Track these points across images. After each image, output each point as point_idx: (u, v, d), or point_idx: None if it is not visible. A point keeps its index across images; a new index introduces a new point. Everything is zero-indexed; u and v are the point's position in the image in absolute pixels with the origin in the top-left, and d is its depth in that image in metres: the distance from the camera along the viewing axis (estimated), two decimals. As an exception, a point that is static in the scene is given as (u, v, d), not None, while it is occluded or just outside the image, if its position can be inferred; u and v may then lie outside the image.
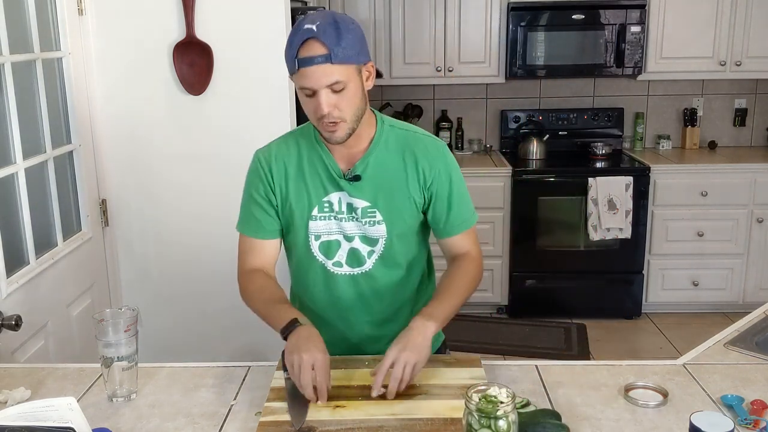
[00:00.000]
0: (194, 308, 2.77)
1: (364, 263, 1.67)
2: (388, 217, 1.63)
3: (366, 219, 1.63)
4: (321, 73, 1.46)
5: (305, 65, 1.46)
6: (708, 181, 4.14)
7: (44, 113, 2.26)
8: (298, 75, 1.48)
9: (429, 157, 1.64)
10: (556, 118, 4.63)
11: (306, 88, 1.49)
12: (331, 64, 1.46)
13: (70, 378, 1.61)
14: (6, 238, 2.01)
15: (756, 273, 4.24)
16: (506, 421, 1.16)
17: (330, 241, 1.66)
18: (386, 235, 1.64)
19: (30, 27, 2.20)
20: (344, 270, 1.67)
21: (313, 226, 1.65)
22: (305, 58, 1.46)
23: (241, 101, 2.59)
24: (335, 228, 1.65)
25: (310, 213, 1.64)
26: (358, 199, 1.63)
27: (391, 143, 1.65)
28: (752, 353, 1.68)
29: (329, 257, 1.67)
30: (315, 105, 1.50)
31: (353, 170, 1.62)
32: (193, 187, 2.66)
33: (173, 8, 2.50)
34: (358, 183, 1.62)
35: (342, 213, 1.64)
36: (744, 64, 4.26)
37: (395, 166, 1.63)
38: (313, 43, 1.45)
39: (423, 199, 1.65)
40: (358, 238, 1.65)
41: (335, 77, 1.47)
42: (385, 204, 1.63)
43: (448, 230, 1.69)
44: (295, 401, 1.41)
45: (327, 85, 1.47)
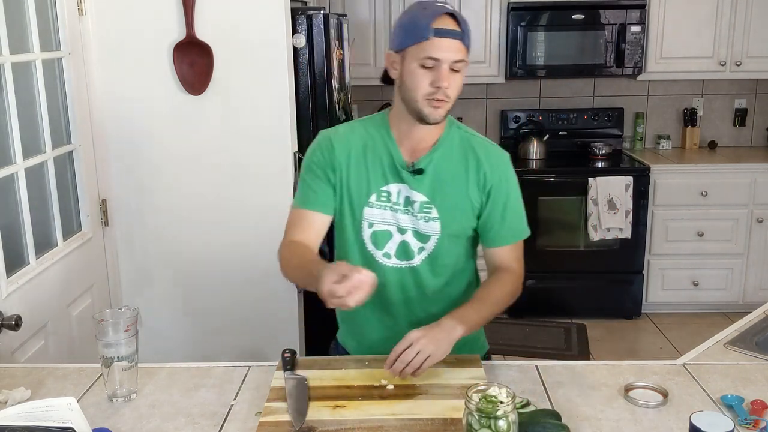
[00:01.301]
0: (194, 308, 2.77)
1: (413, 258, 1.66)
2: (443, 215, 1.63)
3: (422, 214, 1.63)
4: (453, 48, 1.50)
5: (441, 35, 1.49)
6: (708, 181, 4.14)
7: (44, 113, 2.26)
8: (428, 44, 1.49)
9: (491, 162, 1.65)
10: (556, 118, 4.63)
11: (432, 58, 1.50)
12: (462, 43, 1.51)
13: (70, 378, 1.61)
14: (6, 238, 2.01)
15: (756, 273, 4.24)
16: (506, 421, 1.16)
17: (382, 230, 1.65)
18: (439, 233, 1.64)
19: (30, 27, 2.20)
20: (392, 262, 1.67)
21: (368, 213, 1.65)
22: (443, 29, 1.49)
23: (241, 101, 2.59)
24: (389, 218, 1.65)
25: (367, 199, 1.64)
26: (418, 192, 1.63)
27: (456, 143, 1.66)
28: (752, 353, 1.68)
29: (378, 247, 1.66)
30: (434, 77, 1.51)
31: (417, 163, 1.63)
32: (193, 187, 2.66)
33: (173, 8, 2.50)
34: (420, 177, 1.62)
35: (398, 205, 1.64)
36: (744, 64, 4.26)
37: (458, 166, 1.65)
38: (451, 19, 1.51)
39: (480, 202, 1.65)
40: (410, 232, 1.65)
41: (461, 55, 1.52)
42: (443, 201, 1.63)
43: (496, 239, 1.69)
44: (295, 401, 1.41)
45: (454, 60, 1.51)
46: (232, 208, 2.68)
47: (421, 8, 1.53)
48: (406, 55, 1.54)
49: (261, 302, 2.75)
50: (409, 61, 1.53)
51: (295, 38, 2.74)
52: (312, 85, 2.84)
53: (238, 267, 2.72)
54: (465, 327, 1.53)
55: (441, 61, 1.50)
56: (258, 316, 2.76)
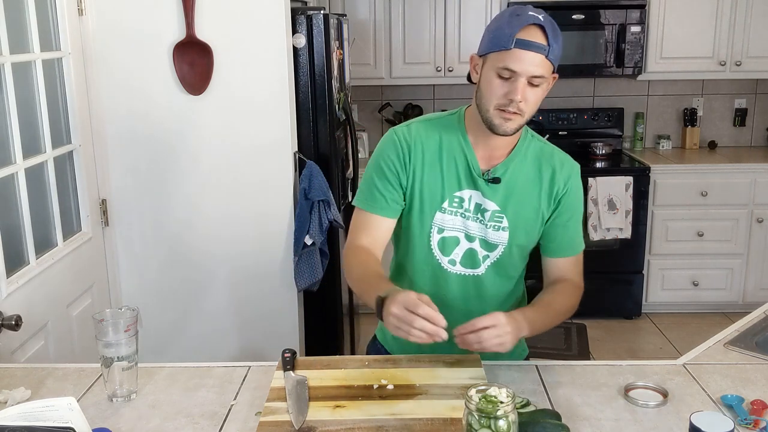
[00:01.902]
0: (194, 308, 2.77)
1: (479, 266, 1.64)
2: (513, 226, 1.61)
3: (492, 223, 1.61)
4: (534, 62, 1.45)
5: (523, 47, 1.44)
6: (708, 181, 4.14)
7: (44, 113, 2.26)
8: (509, 54, 1.45)
9: (564, 173, 1.63)
10: (556, 118, 4.63)
11: (509, 70, 1.46)
12: (545, 58, 1.46)
13: (70, 378, 1.61)
14: (6, 238, 2.01)
15: (756, 273, 4.24)
16: (506, 421, 1.16)
17: (451, 237, 1.63)
18: (506, 243, 1.62)
19: (30, 27, 2.20)
20: (457, 269, 1.65)
21: (439, 218, 1.62)
22: (526, 40, 1.44)
23: (241, 101, 2.59)
24: (459, 225, 1.62)
25: (440, 204, 1.61)
26: (490, 201, 1.60)
27: (531, 153, 1.64)
28: (752, 353, 1.68)
29: (445, 253, 1.64)
30: (509, 89, 1.47)
31: (494, 171, 1.60)
32: (193, 186, 2.66)
33: (173, 8, 2.50)
34: (495, 185, 1.60)
35: (469, 211, 1.61)
36: (744, 64, 4.26)
37: (531, 177, 1.62)
38: (538, 31, 1.45)
39: (549, 214, 1.64)
40: (478, 240, 1.63)
41: (541, 71, 1.46)
42: (514, 211, 1.61)
43: (559, 250, 1.67)
44: (295, 401, 1.41)
45: (532, 75, 1.46)
46: (232, 207, 2.68)
47: (512, 15, 1.48)
48: (487, 61, 1.50)
49: (261, 302, 2.75)
50: (488, 68, 1.50)
51: (295, 38, 2.75)
52: (312, 85, 2.84)
53: (239, 267, 2.72)
54: (529, 330, 1.51)
55: (518, 74, 1.46)
56: (258, 316, 2.76)
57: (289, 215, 2.69)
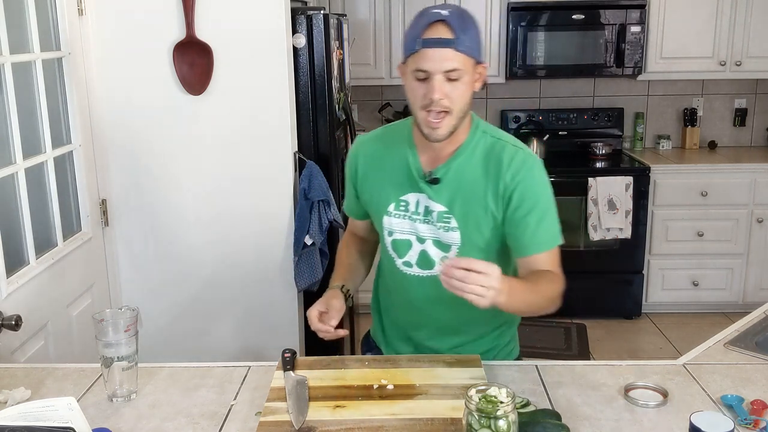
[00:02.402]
0: (194, 308, 2.77)
1: (434, 267, 1.63)
2: (462, 225, 1.59)
3: (441, 224, 1.60)
4: (443, 57, 1.45)
5: (429, 46, 1.45)
6: (708, 181, 4.14)
7: (44, 113, 2.26)
8: (418, 55, 1.46)
9: (513, 167, 1.56)
10: (556, 118, 4.63)
11: (422, 71, 1.46)
12: (455, 51, 1.45)
13: (70, 378, 1.61)
14: (6, 238, 2.01)
15: (756, 273, 4.24)
16: (506, 421, 1.16)
17: (402, 240, 1.65)
18: (459, 243, 1.60)
19: (30, 27, 2.20)
20: (414, 270, 1.66)
21: (386, 222, 1.66)
22: (430, 39, 1.45)
23: (241, 101, 2.59)
24: (408, 228, 1.64)
25: (386, 208, 1.65)
26: (435, 202, 1.60)
27: (480, 150, 1.59)
28: (752, 353, 1.68)
29: (400, 255, 1.67)
30: (426, 89, 1.47)
31: (434, 172, 1.59)
32: (193, 186, 2.66)
33: (173, 8, 2.50)
34: (436, 186, 1.59)
35: (417, 214, 1.62)
36: (744, 64, 4.26)
37: (476, 174, 1.58)
38: (441, 26, 1.45)
39: (501, 212, 1.57)
40: (431, 242, 1.62)
41: (454, 64, 1.45)
42: (461, 211, 1.58)
43: (525, 248, 1.58)
44: (295, 401, 1.41)
45: (445, 70, 1.45)
46: (232, 207, 2.68)
47: (417, 17, 1.49)
48: (406, 67, 1.51)
49: (261, 302, 2.75)
50: (407, 74, 1.51)
51: (295, 38, 2.74)
52: (312, 85, 2.84)
53: (238, 266, 2.72)
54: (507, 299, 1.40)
55: (431, 72, 1.45)
56: (258, 316, 2.76)
57: (289, 215, 2.69)
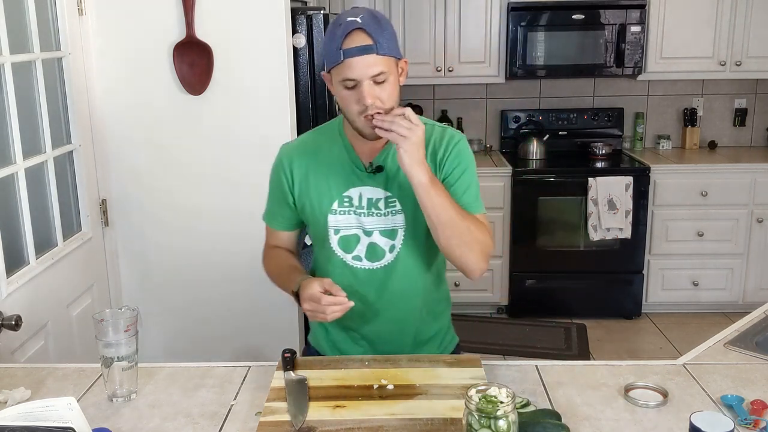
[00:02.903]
0: (194, 308, 2.77)
1: (383, 257, 1.67)
2: (405, 207, 1.64)
3: (388, 209, 1.64)
4: (367, 64, 1.47)
5: (351, 55, 1.47)
6: (708, 181, 4.14)
7: (44, 113, 2.26)
8: (342, 66, 1.48)
9: (444, 144, 1.64)
10: (556, 118, 4.63)
11: (349, 80, 1.49)
12: (377, 55, 1.48)
13: (70, 378, 1.61)
14: (6, 238, 2.01)
15: (756, 273, 4.24)
16: (506, 421, 1.16)
17: (349, 235, 1.67)
18: (404, 225, 1.65)
19: (30, 27, 2.20)
20: (363, 264, 1.68)
21: (332, 220, 1.66)
22: (352, 48, 1.47)
23: (241, 101, 2.59)
24: (354, 223, 1.66)
25: (330, 207, 1.66)
26: (380, 189, 1.64)
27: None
28: (752, 353, 1.68)
29: (348, 251, 1.68)
30: (357, 97, 1.50)
31: (375, 161, 1.64)
32: (193, 186, 2.66)
33: (173, 8, 2.50)
34: (379, 174, 1.63)
35: (362, 208, 1.65)
36: (744, 64, 4.26)
37: None
38: (360, 34, 1.47)
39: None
40: (377, 233, 1.66)
41: (380, 68, 1.48)
42: (402, 191, 1.63)
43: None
44: (295, 401, 1.41)
45: (372, 75, 1.48)
46: (232, 207, 2.68)
47: (334, 26, 1.50)
48: (332, 76, 1.53)
49: (261, 302, 2.74)
50: (335, 83, 1.53)
51: (295, 38, 2.75)
52: (312, 85, 2.84)
53: (238, 266, 2.72)
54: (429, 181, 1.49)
55: (359, 80, 1.48)
56: (258, 316, 2.76)
57: (289, 215, 2.68)
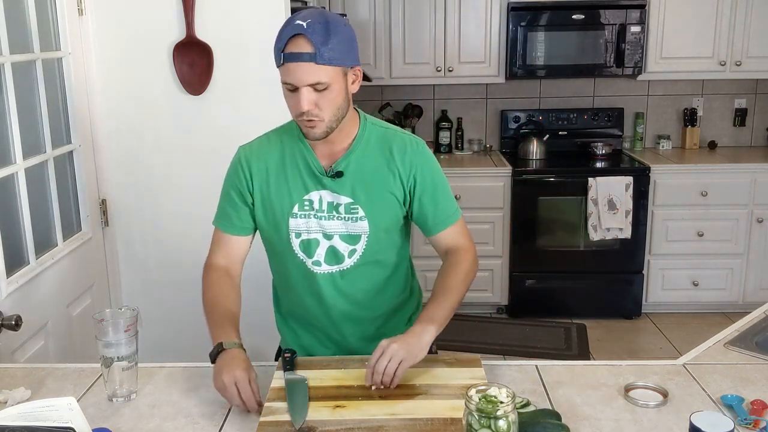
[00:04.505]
0: (194, 308, 2.76)
1: (343, 261, 1.67)
2: (369, 212, 1.64)
3: (349, 215, 1.64)
4: (304, 71, 1.47)
5: (290, 60, 1.47)
6: (708, 181, 4.14)
7: (44, 113, 2.26)
8: (284, 68, 1.50)
9: (407, 154, 1.65)
10: (556, 118, 4.63)
11: (288, 83, 1.50)
12: (316, 64, 1.47)
13: (70, 378, 1.61)
14: (6, 238, 2.01)
15: (756, 273, 4.24)
16: (506, 421, 1.16)
17: (309, 239, 1.66)
18: (368, 231, 1.65)
19: (30, 27, 2.20)
20: (323, 268, 1.67)
21: (293, 224, 1.66)
22: (291, 53, 1.47)
23: (241, 101, 2.59)
24: (315, 226, 1.65)
25: (290, 210, 1.65)
26: (341, 195, 1.63)
27: (373, 141, 1.66)
28: (752, 353, 1.68)
29: (309, 255, 1.67)
30: (296, 101, 1.51)
31: (335, 167, 1.63)
32: (193, 187, 2.66)
33: (173, 8, 2.50)
34: (340, 179, 1.63)
35: (322, 211, 1.64)
36: (744, 64, 4.26)
37: (375, 163, 1.65)
38: (301, 39, 1.46)
39: (403, 194, 1.66)
40: (338, 237, 1.65)
41: (317, 77, 1.48)
42: (367, 199, 1.63)
43: (435, 226, 1.70)
44: (295, 401, 1.41)
45: (309, 83, 1.48)
46: (232, 208, 2.67)
47: (283, 27, 1.50)
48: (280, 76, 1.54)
49: (261, 302, 2.73)
50: (281, 83, 1.53)
51: (295, 38, 2.74)
52: (312, 85, 2.84)
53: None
54: (435, 325, 1.53)
55: (297, 85, 1.48)
56: (258, 316, 2.76)
57: (289, 215, 2.69)
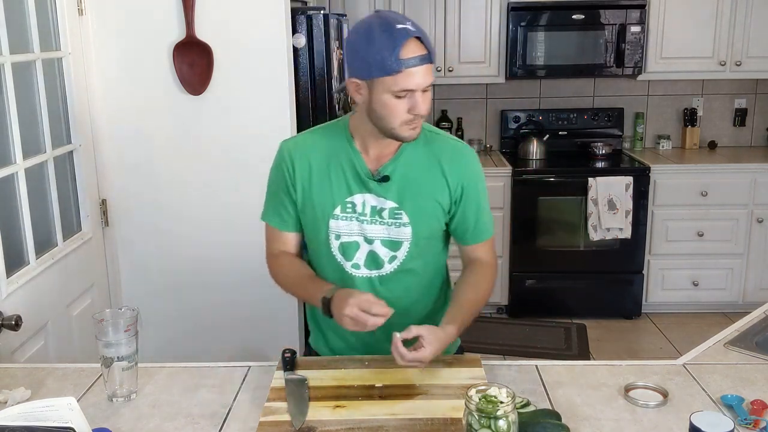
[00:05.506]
0: (194, 308, 2.77)
1: (383, 266, 1.65)
2: (414, 219, 1.61)
3: (393, 220, 1.61)
4: (424, 74, 1.46)
5: (410, 66, 1.44)
6: (708, 181, 4.14)
7: (44, 113, 2.26)
8: (400, 76, 1.44)
9: (457, 162, 1.63)
10: (556, 118, 4.63)
11: (406, 90, 1.46)
12: (430, 65, 1.47)
13: (70, 378, 1.61)
14: (6, 238, 2.01)
15: (756, 273, 4.24)
16: (506, 421, 1.16)
17: (350, 242, 1.63)
18: (411, 238, 1.62)
19: (30, 27, 2.20)
20: (362, 272, 1.65)
21: (333, 225, 1.63)
22: (412, 58, 1.44)
23: (241, 101, 2.59)
24: (356, 229, 1.63)
25: (332, 212, 1.62)
26: (386, 199, 1.61)
27: (421, 146, 1.63)
28: (752, 353, 1.68)
29: (348, 258, 1.65)
30: (410, 105, 1.48)
31: (382, 170, 1.60)
32: (193, 187, 2.66)
33: (173, 8, 2.50)
34: (386, 184, 1.60)
35: (365, 215, 1.62)
36: (744, 64, 4.26)
37: (423, 168, 1.62)
38: (415, 43, 1.45)
39: (449, 203, 1.64)
40: (379, 242, 1.63)
41: (432, 78, 1.49)
42: (412, 205, 1.61)
43: (473, 238, 1.69)
44: (295, 401, 1.41)
45: (427, 85, 1.48)
46: (231, 207, 2.68)
47: (383, 33, 1.44)
48: (374, 84, 1.48)
49: (261, 302, 2.74)
50: (380, 91, 1.48)
51: (295, 38, 2.74)
52: (312, 86, 2.84)
53: (238, 267, 2.72)
54: (456, 326, 1.55)
55: (415, 90, 1.47)
56: (258, 316, 2.76)
57: (289, 215, 2.68)
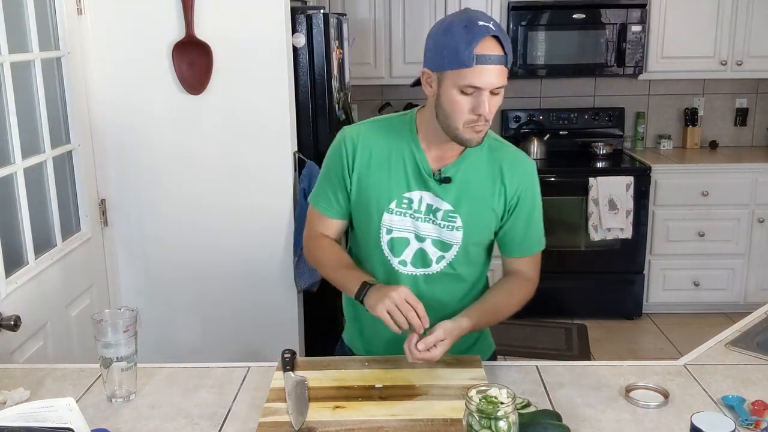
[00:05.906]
0: (194, 308, 2.77)
1: (430, 266, 1.63)
2: (467, 224, 1.60)
3: (445, 222, 1.60)
4: (495, 74, 1.43)
5: (485, 62, 1.42)
6: (709, 181, 4.14)
7: (43, 113, 2.26)
8: (470, 71, 1.42)
9: (517, 172, 1.62)
10: (556, 117, 4.63)
11: (473, 86, 1.44)
12: (504, 67, 1.45)
13: (69, 378, 1.61)
14: (5, 238, 2.01)
15: (757, 273, 4.23)
16: (507, 421, 1.16)
17: (400, 237, 1.62)
18: (461, 243, 1.61)
19: (29, 27, 2.20)
20: (408, 269, 1.64)
21: (387, 219, 1.61)
22: (486, 55, 1.42)
23: (240, 101, 2.59)
24: (409, 226, 1.61)
25: (387, 205, 1.61)
26: (443, 201, 1.59)
27: (485, 152, 1.61)
28: (753, 354, 1.67)
29: (395, 254, 1.63)
30: (474, 104, 1.45)
31: (445, 171, 1.59)
32: (192, 186, 2.66)
33: (173, 8, 2.50)
34: (446, 185, 1.59)
35: (419, 212, 1.60)
36: (745, 64, 4.25)
37: (484, 175, 1.61)
38: (493, 42, 1.43)
39: (503, 212, 1.63)
40: (430, 241, 1.62)
41: (503, 81, 1.46)
42: (468, 210, 1.60)
43: (519, 250, 1.68)
44: (295, 401, 1.41)
45: (497, 86, 1.45)
46: (231, 208, 2.67)
47: (464, 29, 1.42)
48: (445, 77, 1.46)
49: (261, 302, 2.74)
50: (448, 85, 1.46)
51: (295, 38, 2.74)
52: (312, 85, 2.84)
53: (238, 267, 2.71)
54: (471, 321, 1.54)
55: (482, 89, 1.44)
56: (258, 317, 2.76)
57: (288, 215, 2.68)
